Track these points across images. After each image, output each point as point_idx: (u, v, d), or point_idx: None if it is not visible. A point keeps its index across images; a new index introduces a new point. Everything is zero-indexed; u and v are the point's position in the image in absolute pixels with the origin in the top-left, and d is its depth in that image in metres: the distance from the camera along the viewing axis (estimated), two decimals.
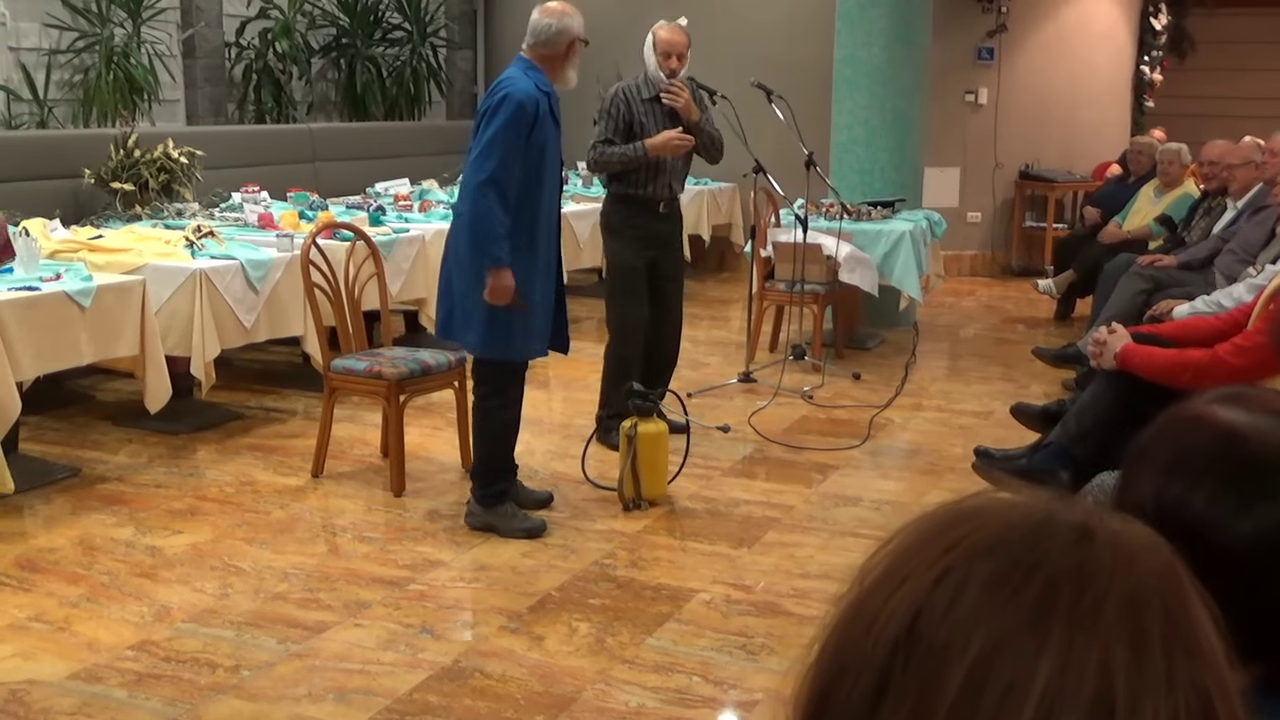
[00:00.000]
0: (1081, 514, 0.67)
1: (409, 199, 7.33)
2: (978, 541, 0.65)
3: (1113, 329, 3.90)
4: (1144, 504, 1.03)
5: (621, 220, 5.22)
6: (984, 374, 6.90)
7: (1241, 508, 0.99)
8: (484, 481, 4.37)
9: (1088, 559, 0.63)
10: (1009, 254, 10.31)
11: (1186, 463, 1.02)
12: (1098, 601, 0.61)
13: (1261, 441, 1.02)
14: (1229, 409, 1.07)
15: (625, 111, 5.10)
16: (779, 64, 8.97)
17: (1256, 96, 12.55)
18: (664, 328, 5.34)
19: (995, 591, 0.62)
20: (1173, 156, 7.75)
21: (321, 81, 9.92)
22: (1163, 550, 0.66)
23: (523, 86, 4.14)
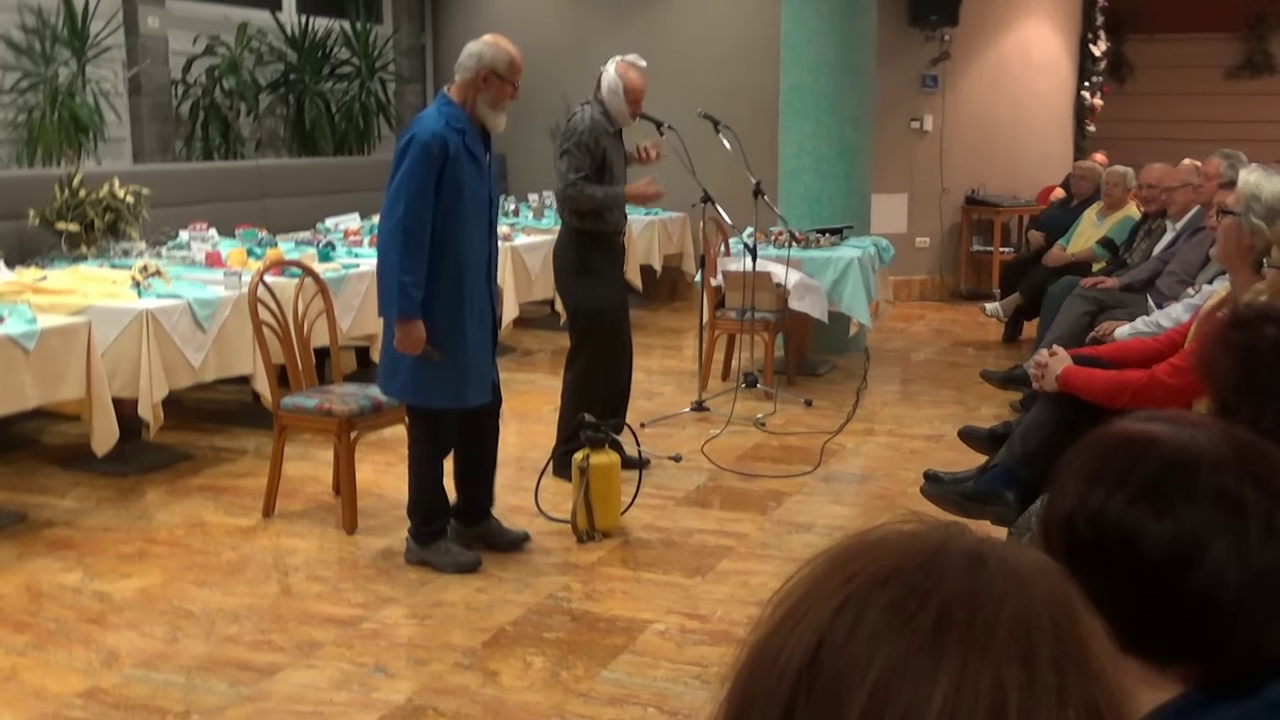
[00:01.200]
0: (974, 542, 0.70)
1: (359, 234, 7.32)
2: (875, 572, 0.67)
3: (1054, 351, 3.96)
4: (1070, 513, 1.06)
5: (598, 259, 5.13)
6: (935, 398, 6.97)
7: (1161, 509, 1.02)
8: (418, 520, 4.36)
9: (980, 584, 0.66)
10: (957, 278, 10.43)
11: (1106, 470, 1.05)
12: (990, 623, 0.64)
13: (1176, 445, 1.05)
14: (1151, 423, 1.10)
15: (597, 148, 5.05)
16: (726, 94, 9.06)
17: (1194, 120, 12.80)
18: (620, 373, 5.34)
19: (892, 618, 0.65)
20: (1117, 179, 7.88)
21: (270, 117, 9.89)
22: (1053, 573, 0.69)
23: (430, 126, 4.03)
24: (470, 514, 4.51)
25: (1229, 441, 1.06)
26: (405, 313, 4.04)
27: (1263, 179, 3.83)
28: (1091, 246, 7.68)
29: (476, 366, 4.25)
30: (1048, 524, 1.09)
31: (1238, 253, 3.77)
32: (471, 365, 4.22)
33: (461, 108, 4.14)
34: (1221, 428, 1.09)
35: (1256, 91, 13.37)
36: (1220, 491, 1.00)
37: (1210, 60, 13.47)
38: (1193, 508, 1.02)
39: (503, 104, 4.18)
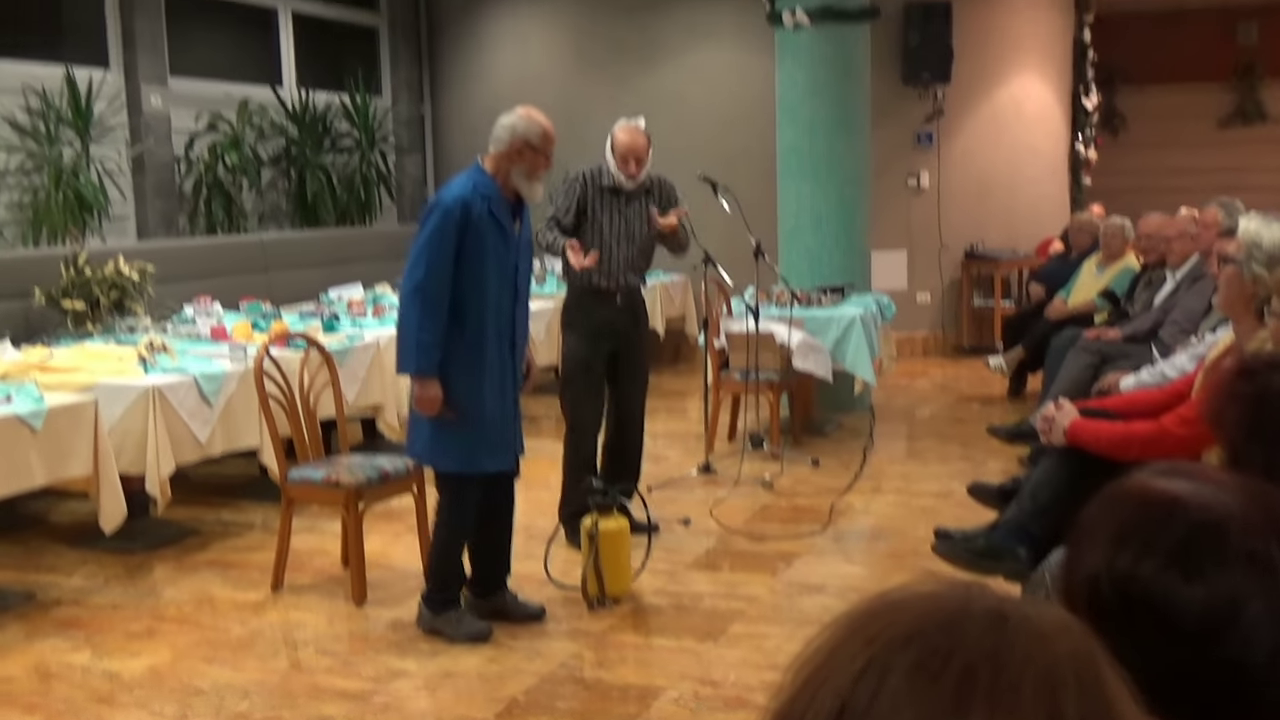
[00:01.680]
0: (995, 600, 0.70)
1: (363, 304, 7.36)
2: (896, 633, 0.67)
3: (1060, 405, 3.96)
4: (1096, 577, 1.04)
5: (578, 313, 5.26)
6: (942, 454, 6.95)
7: (1191, 574, 1.00)
8: (433, 586, 4.35)
9: (1003, 643, 0.66)
10: (959, 333, 10.45)
11: (1131, 532, 1.04)
12: (1014, 683, 0.64)
13: (1202, 507, 1.04)
14: (1170, 480, 1.09)
15: (581, 194, 5.15)
16: (724, 156, 9.15)
17: (1188, 169, 12.90)
18: (627, 429, 5.35)
19: (915, 679, 0.64)
20: (1115, 231, 7.92)
21: (272, 191, 9.98)
22: (1076, 630, 0.69)
23: (456, 192, 4.11)
24: (484, 585, 4.48)
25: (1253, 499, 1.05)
26: (422, 370, 4.08)
27: (1263, 227, 3.85)
28: (1093, 298, 7.70)
29: (494, 433, 4.25)
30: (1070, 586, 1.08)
31: (1240, 301, 3.79)
32: (488, 431, 4.22)
33: (493, 178, 4.19)
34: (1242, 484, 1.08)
35: (1249, 140, 13.49)
36: (1251, 554, 0.99)
37: (1202, 110, 13.61)
38: (1224, 572, 1.00)
39: (538, 174, 4.24)
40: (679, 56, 10.26)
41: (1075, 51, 11.37)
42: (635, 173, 5.15)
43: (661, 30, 10.26)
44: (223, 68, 9.74)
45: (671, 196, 5.37)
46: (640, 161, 5.16)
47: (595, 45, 10.54)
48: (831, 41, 7.77)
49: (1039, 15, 10.76)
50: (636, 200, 5.24)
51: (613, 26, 10.44)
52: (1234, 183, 10.74)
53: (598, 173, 5.21)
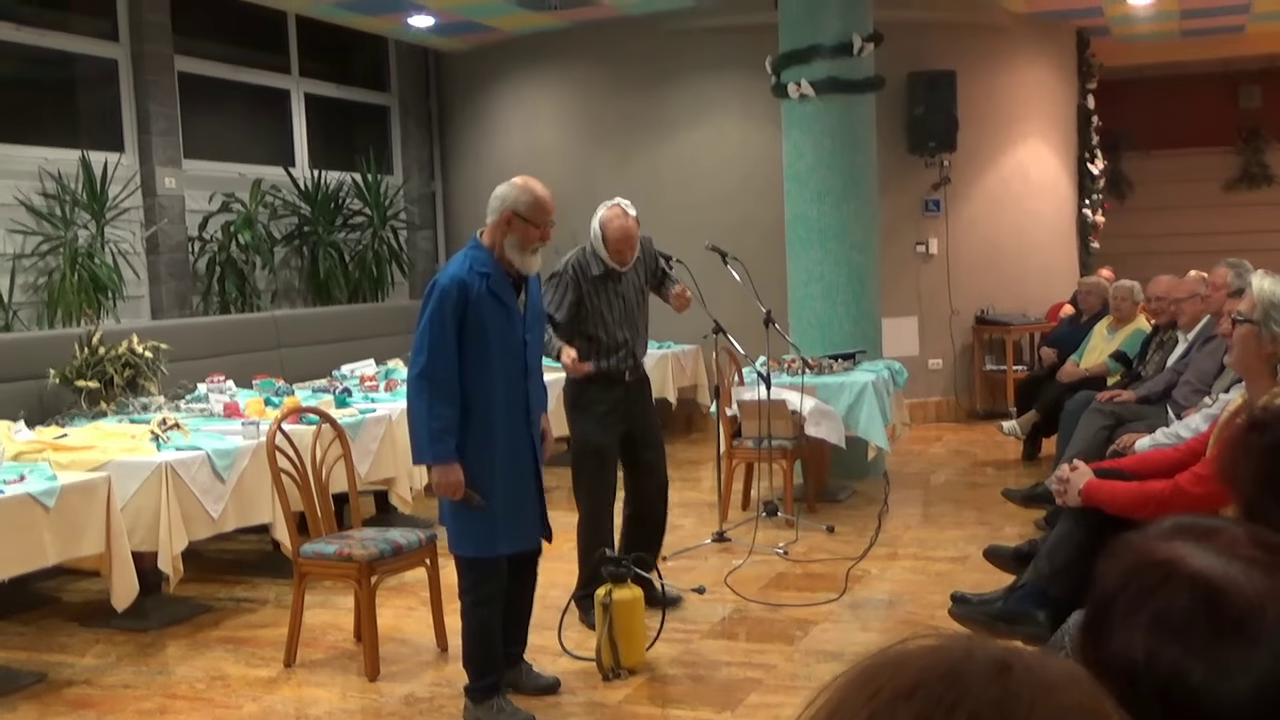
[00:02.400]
0: (999, 651, 0.69)
1: (375, 379, 7.38)
2: (899, 687, 0.66)
3: (1075, 466, 3.94)
4: (1134, 667, 1.01)
5: (587, 397, 5.08)
6: (957, 519, 6.91)
7: (1237, 669, 0.98)
8: (472, 674, 4.19)
9: (1007, 693, 0.65)
10: (972, 398, 10.43)
11: (1170, 624, 1.00)
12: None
13: (1243, 597, 1.00)
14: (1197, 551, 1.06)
15: (574, 288, 5.00)
16: (733, 225, 9.22)
17: (1196, 232, 12.95)
18: (654, 504, 5.24)
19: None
20: (1125, 294, 7.94)
21: (285, 269, 10.07)
22: (1082, 680, 0.68)
23: (453, 271, 4.02)
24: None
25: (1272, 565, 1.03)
26: (439, 457, 3.98)
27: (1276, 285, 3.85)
28: (1105, 361, 7.70)
29: (510, 514, 4.14)
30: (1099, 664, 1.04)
31: (1257, 360, 3.77)
32: (503, 513, 4.11)
33: (490, 251, 4.08)
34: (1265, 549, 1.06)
35: (1255, 202, 13.55)
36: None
37: (1207, 174, 13.70)
38: (1264, 659, 0.98)
39: (531, 245, 4.09)
40: (686, 129, 10.37)
41: (1080, 118, 11.48)
42: (627, 258, 5.02)
43: (669, 103, 10.39)
44: (236, 149, 9.88)
45: (650, 252, 5.27)
46: (631, 248, 5.02)
47: (603, 119, 10.67)
48: (837, 112, 7.86)
49: (1043, 82, 10.88)
50: (627, 275, 5.13)
51: (620, 100, 10.57)
52: (1241, 245, 10.75)
53: (585, 263, 5.03)
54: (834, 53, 7.79)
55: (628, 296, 5.13)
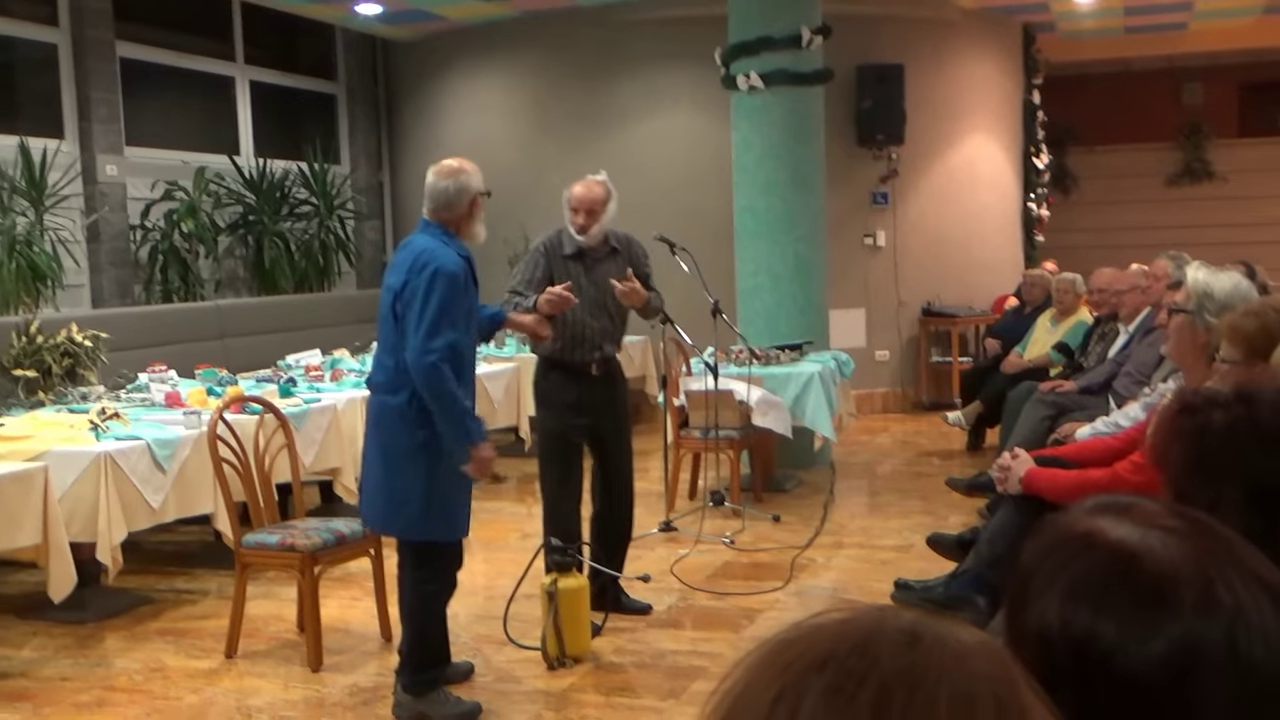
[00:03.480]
0: (909, 621, 0.69)
1: (320, 369, 7.31)
2: (810, 659, 0.66)
3: (1015, 454, 3.98)
4: (1049, 632, 1.02)
5: (552, 388, 4.98)
6: (902, 508, 6.96)
7: (1150, 631, 0.99)
8: (415, 667, 4.11)
9: (917, 662, 0.65)
10: (918, 389, 10.52)
11: (1085, 588, 1.02)
12: (930, 700, 0.63)
13: (1158, 563, 1.02)
14: (1115, 524, 1.07)
15: (545, 265, 4.89)
16: (682, 217, 9.22)
17: (1139, 226, 13.14)
18: (618, 498, 5.12)
19: (831, 702, 0.63)
20: (1067, 286, 8.04)
21: (229, 258, 9.96)
22: (992, 648, 0.68)
23: (447, 257, 3.98)
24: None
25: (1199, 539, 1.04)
26: (479, 436, 4.00)
27: (1211, 277, 3.91)
28: (1048, 352, 7.79)
29: (469, 496, 4.21)
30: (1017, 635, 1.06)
31: (1192, 350, 3.82)
32: (466, 495, 4.18)
33: (458, 238, 4.11)
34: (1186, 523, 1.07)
35: (1197, 197, 13.78)
36: (1202, 601, 0.98)
37: (1150, 169, 13.90)
38: (1178, 624, 0.99)
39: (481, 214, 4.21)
40: (636, 121, 10.37)
41: (1025, 113, 11.60)
42: (586, 224, 4.87)
43: (618, 95, 10.38)
44: (180, 137, 9.76)
45: (639, 255, 5.11)
46: (592, 213, 4.85)
47: (553, 110, 10.63)
48: (785, 104, 7.88)
49: (989, 77, 10.98)
50: (605, 264, 4.97)
51: (570, 91, 10.54)
52: (1183, 239, 10.94)
53: (557, 242, 4.95)
54: (783, 45, 7.81)
55: (602, 287, 4.92)
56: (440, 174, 4.15)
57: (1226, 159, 13.71)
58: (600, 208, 4.89)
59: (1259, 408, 1.54)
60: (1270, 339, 2.66)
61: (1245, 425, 1.52)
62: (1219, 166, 13.71)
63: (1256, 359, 2.72)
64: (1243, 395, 1.59)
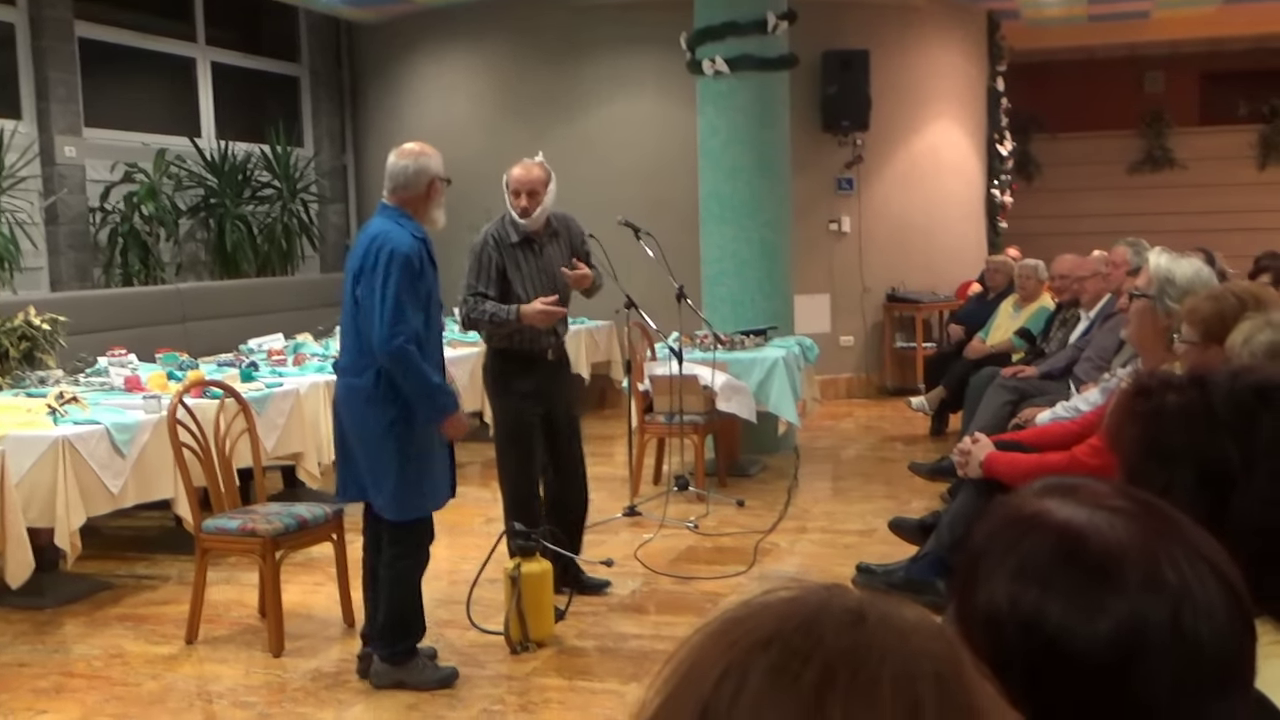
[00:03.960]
0: (855, 600, 0.69)
1: (283, 353, 7.27)
2: (756, 637, 0.66)
3: (976, 438, 4.01)
4: (998, 613, 1.03)
5: (508, 377, 4.99)
6: (866, 493, 7.00)
7: (1096, 610, 1.00)
8: (394, 638, 4.20)
9: (861, 640, 0.65)
10: (882, 375, 10.57)
11: (1032, 568, 1.02)
12: (873, 679, 0.63)
13: (1105, 543, 1.03)
14: (1063, 504, 1.08)
15: (497, 259, 4.91)
16: (647, 202, 9.20)
17: (1101, 213, 13.25)
18: (571, 480, 5.16)
19: (776, 680, 0.64)
20: (1029, 272, 8.09)
21: (190, 241, 9.86)
22: (936, 627, 0.69)
23: (401, 238, 4.04)
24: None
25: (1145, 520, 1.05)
26: (451, 408, 4.18)
27: (1171, 263, 3.95)
28: (1009, 337, 7.84)
29: (444, 469, 4.31)
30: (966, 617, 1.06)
31: (1152, 334, 3.86)
32: (440, 468, 4.27)
33: (414, 219, 4.18)
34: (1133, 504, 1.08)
35: (1158, 184, 13.89)
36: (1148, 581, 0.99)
37: (1112, 157, 14.01)
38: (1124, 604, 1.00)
39: (440, 199, 4.27)
40: (602, 105, 10.34)
41: (989, 100, 11.66)
42: (528, 206, 4.88)
43: (584, 79, 10.34)
44: (140, 118, 9.64)
45: (579, 234, 5.17)
46: (534, 195, 4.87)
47: (519, 94, 10.58)
48: (751, 89, 7.88)
49: (954, 64, 11.02)
50: (550, 248, 5.02)
51: (536, 75, 10.50)
52: (1144, 227, 11.03)
53: (503, 231, 4.96)
54: (748, 30, 7.81)
55: (550, 272, 4.98)
56: (401, 155, 4.23)
57: (1187, 147, 13.84)
58: (541, 189, 4.92)
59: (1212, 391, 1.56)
60: (1225, 323, 2.69)
61: (1198, 408, 1.53)
62: (1180, 154, 13.84)
63: (1212, 342, 2.74)
64: (1196, 378, 1.61)
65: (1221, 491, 1.46)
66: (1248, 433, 1.47)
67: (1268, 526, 1.43)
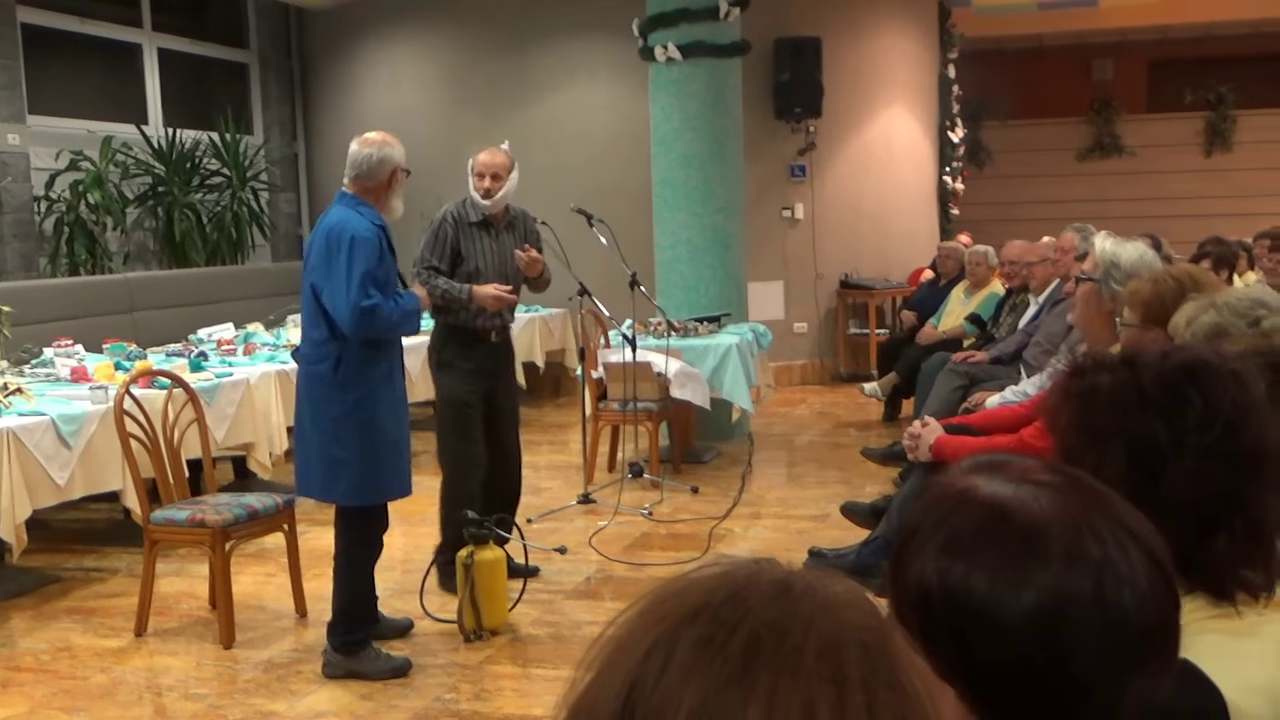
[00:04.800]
0: (782, 573, 0.70)
1: (233, 343, 7.20)
2: (684, 611, 0.67)
3: (925, 422, 4.04)
4: (927, 587, 1.04)
5: (453, 354, 5.05)
6: (820, 478, 7.04)
7: (1020, 583, 1.01)
8: (346, 629, 4.22)
9: (786, 611, 0.66)
10: (836, 361, 10.63)
11: (959, 543, 1.04)
12: (798, 647, 0.64)
13: (1029, 516, 1.04)
14: (990, 480, 1.10)
15: (453, 236, 4.98)
16: (601, 190, 9.20)
17: (1050, 200, 13.37)
18: (504, 465, 5.20)
19: (702, 652, 0.64)
20: (980, 258, 8.16)
21: (138, 230, 9.73)
22: (861, 599, 0.70)
23: (361, 225, 4.09)
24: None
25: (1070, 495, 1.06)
26: (415, 301, 4.28)
27: (1117, 247, 3.99)
28: (961, 323, 7.91)
29: (403, 459, 4.31)
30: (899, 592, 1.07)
31: (1098, 317, 3.90)
32: (400, 458, 4.28)
33: (374, 208, 4.22)
34: (1060, 479, 1.09)
35: (1107, 171, 14.04)
36: (1070, 553, 1.01)
37: (1062, 143, 14.14)
38: (1047, 576, 1.01)
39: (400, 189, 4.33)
40: (554, 92, 10.31)
41: (941, 87, 11.72)
42: (491, 188, 4.95)
43: (536, 66, 10.30)
44: (85, 105, 9.50)
45: (532, 230, 5.23)
46: (497, 178, 4.96)
47: (470, 81, 10.53)
48: (703, 76, 7.89)
49: (906, 51, 11.07)
50: (505, 236, 5.08)
51: (488, 62, 10.45)
52: (1094, 213, 11.13)
53: (463, 210, 5.03)
54: (701, 16, 7.81)
55: (504, 256, 5.06)
56: (364, 143, 4.26)
57: (1135, 134, 14.00)
58: (504, 173, 5.02)
59: (1142, 371, 1.58)
60: (1164, 305, 2.73)
61: (1129, 388, 1.55)
62: (1128, 141, 14.00)
63: (1151, 324, 2.78)
64: (1128, 358, 1.63)
65: (1152, 469, 1.48)
66: (1177, 412, 1.50)
67: (1197, 504, 1.46)
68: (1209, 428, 1.49)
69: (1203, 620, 1.46)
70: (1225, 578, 1.45)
